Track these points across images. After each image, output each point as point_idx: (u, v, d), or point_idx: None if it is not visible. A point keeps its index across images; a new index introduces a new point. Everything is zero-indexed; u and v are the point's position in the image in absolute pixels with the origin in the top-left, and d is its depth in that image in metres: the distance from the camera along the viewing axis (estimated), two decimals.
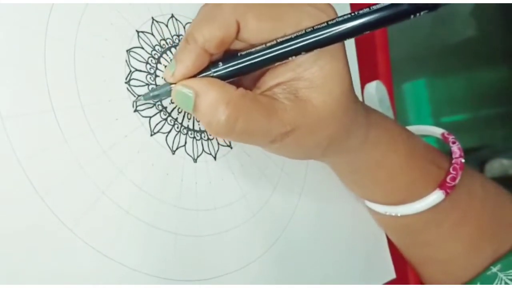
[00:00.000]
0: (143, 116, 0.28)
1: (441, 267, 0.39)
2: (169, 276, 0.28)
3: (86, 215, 0.25)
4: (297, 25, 0.26)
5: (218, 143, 0.31)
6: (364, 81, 0.43)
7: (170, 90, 0.27)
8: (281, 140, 0.27)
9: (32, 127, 0.24)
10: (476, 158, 1.00)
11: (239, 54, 0.27)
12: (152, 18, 0.30)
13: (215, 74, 0.27)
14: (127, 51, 0.29)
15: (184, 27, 0.32)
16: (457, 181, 0.34)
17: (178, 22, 0.31)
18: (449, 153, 0.37)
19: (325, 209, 0.36)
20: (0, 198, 0.23)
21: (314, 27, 0.25)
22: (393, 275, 0.41)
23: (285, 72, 0.27)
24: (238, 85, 0.27)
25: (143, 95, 0.28)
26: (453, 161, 0.35)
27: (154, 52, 0.30)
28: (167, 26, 0.31)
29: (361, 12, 0.25)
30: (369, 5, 0.25)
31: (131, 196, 0.27)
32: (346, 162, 0.34)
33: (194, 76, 0.27)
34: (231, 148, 0.32)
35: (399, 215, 0.36)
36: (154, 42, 0.30)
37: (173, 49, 0.31)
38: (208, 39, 0.25)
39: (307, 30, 0.25)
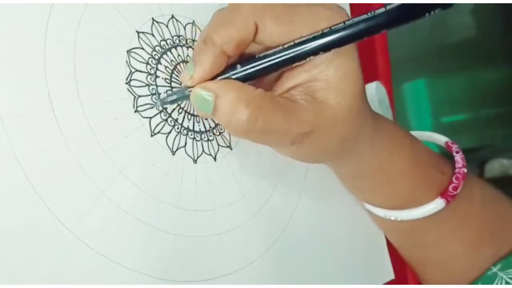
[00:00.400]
0: (144, 117, 0.28)
1: (440, 268, 0.39)
2: (169, 277, 0.28)
3: (86, 215, 0.25)
4: (313, 27, 0.26)
5: (218, 144, 0.31)
6: (364, 81, 0.43)
7: (188, 94, 0.27)
8: (300, 141, 0.27)
9: (32, 127, 0.24)
10: (476, 158, 1.00)
11: (256, 56, 0.27)
12: (152, 18, 0.30)
13: (233, 76, 0.27)
14: (127, 51, 0.29)
15: (184, 28, 0.32)
16: (458, 190, 0.34)
17: (178, 22, 0.31)
18: (446, 155, 0.37)
19: (324, 209, 0.37)
20: None
21: (332, 27, 0.26)
22: (392, 276, 0.41)
23: (301, 74, 0.27)
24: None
25: (160, 100, 0.28)
26: (456, 171, 0.35)
27: (154, 52, 0.30)
28: (167, 26, 0.31)
29: (377, 12, 0.25)
30: (381, 5, 0.25)
31: (131, 196, 0.27)
32: (350, 166, 0.34)
33: (212, 79, 0.27)
34: (231, 149, 0.32)
35: (398, 219, 0.36)
36: (154, 43, 0.30)
37: (173, 50, 0.31)
38: (226, 41, 0.26)
39: (324, 31, 0.26)
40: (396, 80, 0.50)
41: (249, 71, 0.27)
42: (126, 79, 0.28)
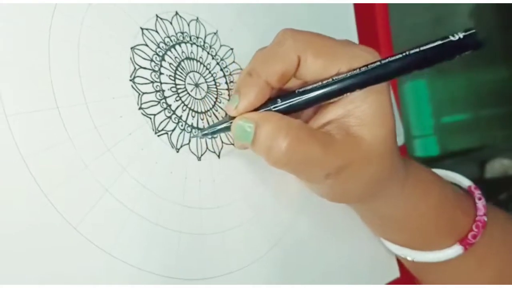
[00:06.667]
0: (148, 114, 0.28)
1: None
2: (173, 275, 0.28)
3: (90, 213, 0.25)
4: (350, 65, 0.27)
5: (222, 141, 0.31)
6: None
7: (229, 126, 0.28)
8: (335, 174, 0.27)
9: (36, 124, 0.24)
10: (476, 158, 1.00)
11: (296, 91, 0.28)
12: (156, 15, 0.30)
13: (274, 109, 0.28)
14: (131, 48, 0.28)
15: (188, 24, 0.31)
16: (477, 238, 0.34)
17: (182, 19, 0.31)
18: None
19: (328, 207, 0.36)
20: (4, 196, 0.23)
21: (369, 66, 0.27)
22: (397, 274, 0.41)
23: (336, 109, 0.28)
24: None
25: (201, 132, 0.29)
26: (477, 218, 0.35)
27: (158, 49, 0.30)
28: (171, 23, 0.31)
29: (411, 52, 0.27)
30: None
31: (134, 194, 0.27)
32: (376, 209, 0.34)
33: (253, 111, 0.28)
34: (235, 146, 0.32)
35: (414, 260, 0.36)
36: (159, 39, 0.30)
37: (177, 46, 0.31)
38: (271, 73, 0.27)
39: (362, 69, 0.27)
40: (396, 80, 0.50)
41: (289, 104, 0.28)
42: (130, 76, 0.28)
